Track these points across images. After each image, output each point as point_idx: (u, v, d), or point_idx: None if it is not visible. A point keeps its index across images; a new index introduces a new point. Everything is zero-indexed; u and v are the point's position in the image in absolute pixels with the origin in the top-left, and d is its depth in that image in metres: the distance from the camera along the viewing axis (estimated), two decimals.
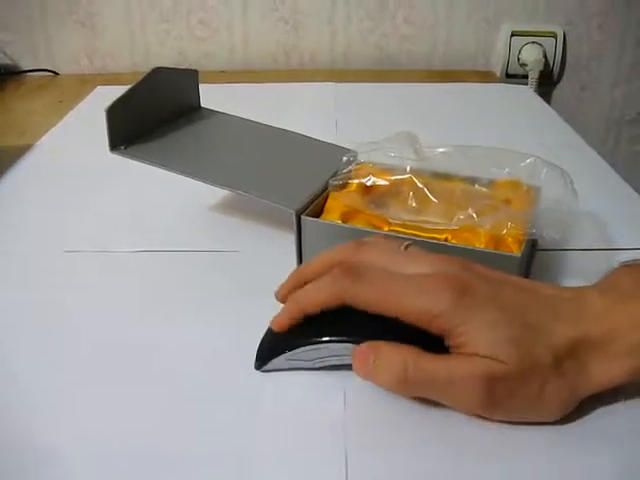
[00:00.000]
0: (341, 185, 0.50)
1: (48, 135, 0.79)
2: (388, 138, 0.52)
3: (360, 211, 0.48)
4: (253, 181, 0.51)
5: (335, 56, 1.11)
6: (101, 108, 0.50)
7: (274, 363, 0.39)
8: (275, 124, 0.60)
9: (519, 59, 1.10)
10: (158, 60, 1.09)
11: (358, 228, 0.47)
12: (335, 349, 0.38)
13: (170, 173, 0.51)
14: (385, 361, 0.35)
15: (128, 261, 0.52)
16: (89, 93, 0.93)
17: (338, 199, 0.49)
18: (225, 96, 0.69)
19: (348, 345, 0.37)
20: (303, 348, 0.38)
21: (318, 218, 0.48)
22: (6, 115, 0.90)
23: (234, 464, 0.34)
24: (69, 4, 1.06)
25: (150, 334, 0.43)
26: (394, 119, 0.80)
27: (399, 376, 0.34)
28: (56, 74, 1.09)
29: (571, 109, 1.14)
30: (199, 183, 0.50)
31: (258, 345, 0.40)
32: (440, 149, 0.51)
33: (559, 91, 1.15)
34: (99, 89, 0.95)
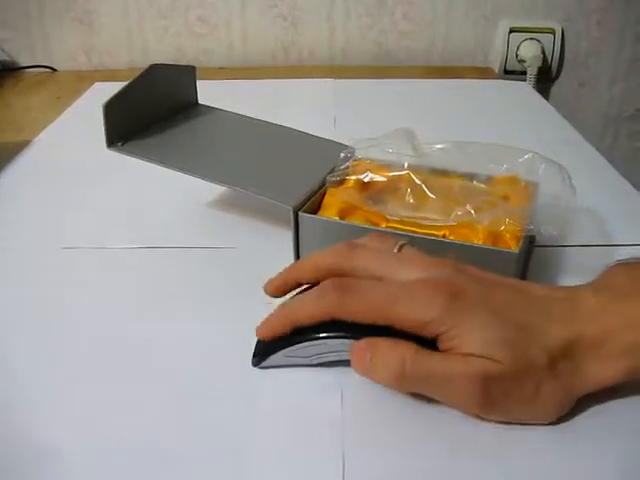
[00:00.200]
0: (339, 181, 0.50)
1: (46, 131, 0.79)
2: (386, 134, 0.52)
3: (358, 207, 0.48)
4: (250, 177, 0.51)
5: (334, 52, 1.11)
6: (99, 104, 0.50)
7: (272, 359, 0.39)
8: (274, 120, 0.60)
9: (517, 55, 1.10)
10: (156, 57, 1.09)
11: (355, 224, 0.47)
12: (333, 345, 0.37)
13: (168, 170, 0.51)
14: (382, 357, 0.35)
15: (125, 258, 0.52)
16: (87, 89, 0.93)
17: (335, 195, 0.49)
18: (224, 92, 0.69)
19: (346, 341, 0.37)
20: (301, 344, 0.38)
21: (315, 214, 0.48)
22: (4, 111, 0.89)
23: (231, 462, 0.34)
24: (67, 1, 1.06)
25: (148, 331, 0.43)
26: (393, 115, 0.80)
27: (397, 372, 0.34)
28: (54, 70, 1.09)
29: (569, 105, 1.14)
30: (196, 179, 0.50)
31: (256, 342, 0.40)
32: (438, 145, 0.51)
33: (557, 87, 1.15)
34: (97, 85, 0.95)
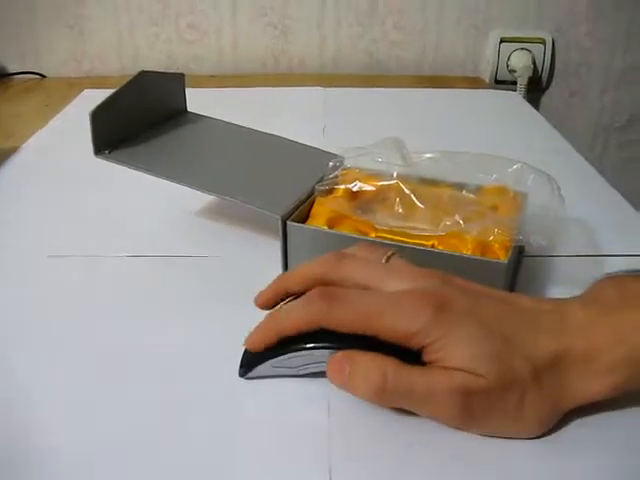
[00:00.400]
0: (327, 190, 0.50)
1: (34, 138, 0.78)
2: (375, 143, 0.52)
3: (346, 217, 0.48)
4: (239, 186, 0.50)
5: (324, 61, 1.11)
6: (88, 111, 0.49)
7: (258, 370, 0.39)
8: (263, 128, 0.60)
9: (508, 65, 1.11)
10: (147, 64, 1.09)
11: (344, 234, 0.47)
12: (319, 356, 0.37)
13: (155, 178, 0.50)
14: (362, 371, 0.35)
15: (112, 266, 0.51)
16: (76, 96, 0.93)
17: (324, 204, 0.49)
18: (214, 100, 0.69)
19: (332, 352, 0.36)
20: (287, 355, 0.38)
21: (304, 224, 0.48)
22: None
23: (217, 473, 0.33)
24: (57, 7, 1.06)
25: (133, 340, 0.43)
26: (383, 124, 0.80)
27: (377, 387, 0.34)
28: (43, 77, 1.08)
29: (560, 115, 1.14)
30: (184, 188, 0.49)
31: (242, 352, 0.40)
32: (427, 155, 0.51)
33: (548, 97, 1.15)
34: (86, 92, 0.94)
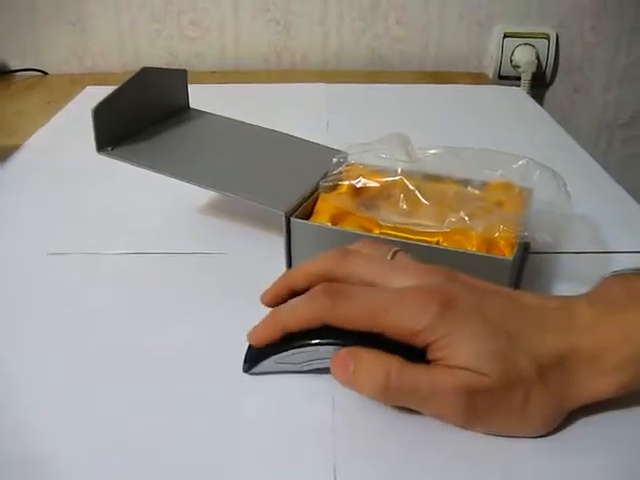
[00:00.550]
0: (331, 187, 0.50)
1: (36, 135, 0.78)
2: (379, 139, 0.52)
3: (350, 213, 0.48)
4: (242, 183, 0.50)
5: (327, 57, 1.11)
6: (90, 108, 0.49)
7: (262, 366, 0.39)
8: (266, 125, 0.60)
9: (512, 61, 1.10)
10: (148, 60, 1.09)
11: (348, 231, 0.46)
12: (324, 352, 0.37)
13: (158, 174, 0.50)
14: (365, 369, 0.34)
15: (113, 264, 0.51)
16: (78, 93, 0.92)
17: (328, 201, 0.49)
18: (216, 96, 0.68)
19: (336, 348, 0.36)
20: (291, 351, 0.38)
21: (307, 220, 0.48)
22: None
23: (220, 470, 0.33)
24: (59, 4, 1.06)
25: (134, 337, 0.43)
26: (386, 120, 0.79)
27: (381, 384, 0.34)
28: (45, 74, 1.08)
29: (564, 111, 1.14)
30: (187, 185, 0.49)
31: (247, 348, 0.40)
32: (432, 151, 0.50)
33: (552, 93, 1.15)
34: (88, 89, 0.94)
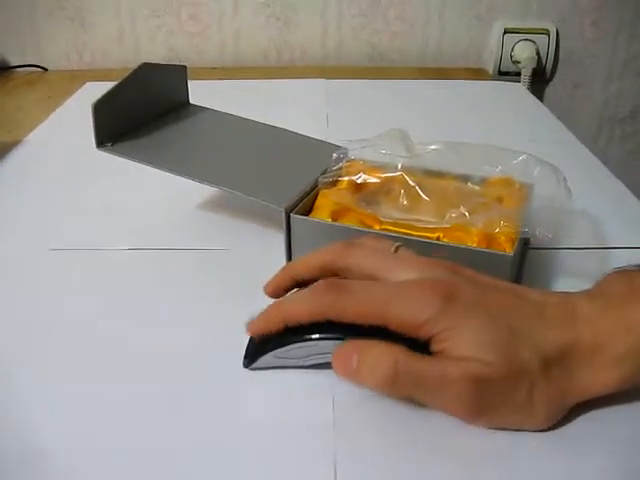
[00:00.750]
0: (331, 182, 0.50)
1: (36, 131, 0.78)
2: (379, 135, 0.51)
3: (350, 209, 0.48)
4: (242, 179, 0.50)
5: (327, 52, 1.11)
6: (90, 104, 0.49)
7: (263, 361, 0.39)
8: (266, 120, 0.60)
9: (512, 56, 1.10)
10: (148, 56, 1.09)
11: (348, 226, 0.46)
12: (324, 346, 0.37)
13: (158, 170, 0.50)
14: (370, 360, 0.34)
15: (114, 260, 0.51)
16: (78, 89, 0.92)
17: (328, 197, 0.49)
18: (216, 92, 0.68)
19: (337, 342, 0.36)
20: (292, 346, 0.38)
21: (308, 216, 0.48)
22: None
23: (220, 466, 0.33)
24: None
25: (134, 333, 0.43)
26: (385, 116, 0.79)
27: (387, 375, 0.33)
28: (45, 70, 1.08)
29: (564, 106, 1.13)
30: (186, 180, 0.49)
31: (247, 343, 0.40)
32: (432, 146, 0.50)
33: (552, 88, 1.15)
34: (88, 85, 0.94)
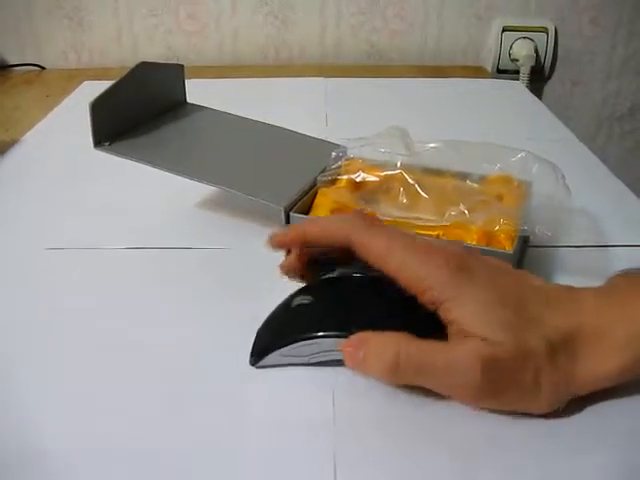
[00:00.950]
0: (330, 181, 0.50)
1: (33, 130, 0.77)
2: (379, 133, 0.52)
3: (349, 207, 0.48)
4: (241, 178, 0.50)
5: (325, 51, 1.11)
6: (87, 103, 0.49)
7: (269, 359, 0.39)
8: (264, 119, 0.59)
9: (510, 54, 1.10)
10: (147, 55, 1.08)
11: None
12: (329, 344, 0.37)
13: (155, 170, 0.50)
14: (375, 350, 0.34)
15: (112, 258, 0.51)
16: (76, 88, 0.92)
17: (327, 195, 0.49)
18: (214, 91, 0.68)
19: (341, 340, 0.36)
20: (297, 344, 0.38)
21: (307, 215, 0.48)
22: None
23: (220, 463, 0.33)
24: None
25: (133, 332, 0.42)
26: (384, 114, 0.79)
27: (390, 364, 0.34)
28: (43, 69, 1.08)
29: (562, 104, 1.13)
30: (184, 180, 0.49)
31: (253, 341, 0.40)
32: (431, 144, 0.50)
33: (550, 86, 1.15)
34: (86, 84, 0.94)
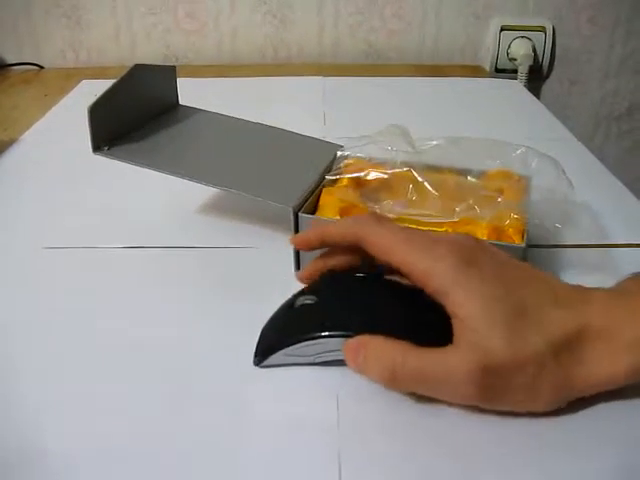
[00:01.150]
0: (334, 180, 0.50)
1: (32, 130, 0.77)
2: (380, 132, 0.52)
3: (356, 206, 0.48)
4: (244, 179, 0.49)
5: (323, 50, 1.10)
6: (86, 102, 0.48)
7: (273, 359, 0.39)
8: (263, 118, 0.59)
9: (508, 54, 1.10)
10: (145, 54, 1.08)
11: None
12: (333, 344, 0.37)
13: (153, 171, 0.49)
14: (374, 356, 0.35)
15: (109, 258, 0.50)
16: (74, 87, 0.92)
17: (333, 194, 0.49)
18: (212, 90, 0.68)
19: (345, 340, 0.36)
20: (301, 344, 0.38)
21: (313, 214, 0.47)
22: None
23: (225, 464, 0.33)
24: None
25: (131, 332, 0.42)
26: (383, 113, 0.79)
27: (387, 374, 0.34)
28: (41, 68, 1.07)
29: (560, 104, 1.14)
30: (181, 181, 0.48)
31: (257, 340, 0.40)
32: (432, 142, 0.50)
33: (548, 86, 1.15)
34: (84, 83, 0.93)
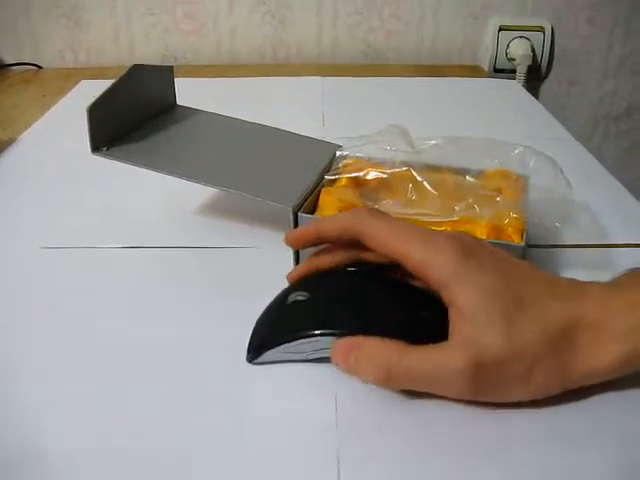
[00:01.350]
0: (332, 180, 0.50)
1: (30, 130, 0.77)
2: (379, 131, 0.52)
3: (355, 205, 0.48)
4: (244, 179, 0.49)
5: (322, 50, 1.11)
6: (84, 102, 0.48)
7: (267, 355, 0.39)
8: (262, 118, 0.59)
9: (507, 54, 1.10)
10: (144, 54, 1.08)
11: None
12: (326, 342, 0.37)
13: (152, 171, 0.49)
14: (367, 357, 0.35)
15: (107, 258, 0.50)
16: (73, 87, 0.92)
17: (331, 194, 0.49)
18: (211, 90, 0.68)
19: (340, 338, 0.36)
20: (295, 342, 0.38)
21: (313, 214, 0.48)
22: None
23: (223, 464, 0.33)
24: None
25: (129, 331, 0.42)
26: (381, 113, 0.79)
27: (382, 372, 0.35)
28: (40, 68, 1.07)
29: (559, 104, 1.14)
30: (179, 181, 0.48)
31: (249, 337, 0.40)
32: (431, 141, 0.51)
33: (547, 86, 1.15)
34: (83, 83, 0.93)
